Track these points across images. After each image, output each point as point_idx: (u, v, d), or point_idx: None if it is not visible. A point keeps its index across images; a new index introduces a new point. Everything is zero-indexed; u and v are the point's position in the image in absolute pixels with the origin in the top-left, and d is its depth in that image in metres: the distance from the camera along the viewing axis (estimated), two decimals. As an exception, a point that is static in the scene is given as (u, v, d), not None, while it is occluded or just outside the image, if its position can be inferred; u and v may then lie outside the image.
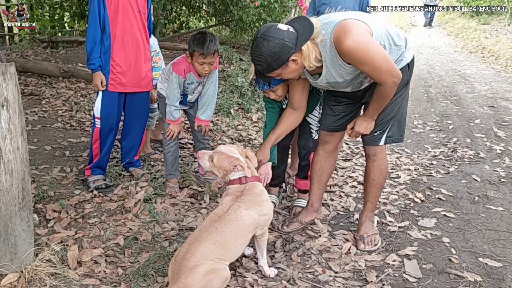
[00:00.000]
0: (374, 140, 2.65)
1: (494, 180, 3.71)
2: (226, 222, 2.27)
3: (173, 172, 3.43)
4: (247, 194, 2.38)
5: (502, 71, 8.56)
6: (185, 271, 2.12)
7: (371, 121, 2.55)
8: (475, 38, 12.97)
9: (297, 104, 2.75)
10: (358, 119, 2.60)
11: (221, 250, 2.22)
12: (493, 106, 6.07)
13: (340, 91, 2.58)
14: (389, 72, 2.24)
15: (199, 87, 3.32)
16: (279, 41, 2.19)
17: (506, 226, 2.98)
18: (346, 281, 2.44)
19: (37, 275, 2.31)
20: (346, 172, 3.97)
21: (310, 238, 2.87)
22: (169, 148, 3.38)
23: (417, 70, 9.03)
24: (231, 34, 10.84)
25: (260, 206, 2.37)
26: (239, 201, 2.34)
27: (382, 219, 3.11)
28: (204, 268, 2.13)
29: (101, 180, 3.38)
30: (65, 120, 4.87)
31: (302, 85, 2.68)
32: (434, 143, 4.73)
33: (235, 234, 2.27)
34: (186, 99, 3.36)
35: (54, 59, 7.39)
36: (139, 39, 3.27)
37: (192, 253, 2.16)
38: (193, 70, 3.16)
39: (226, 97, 5.76)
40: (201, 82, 3.28)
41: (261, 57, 2.24)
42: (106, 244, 2.71)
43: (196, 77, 3.21)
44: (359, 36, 2.18)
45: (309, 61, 2.29)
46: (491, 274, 2.47)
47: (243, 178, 2.42)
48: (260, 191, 2.44)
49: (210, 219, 2.33)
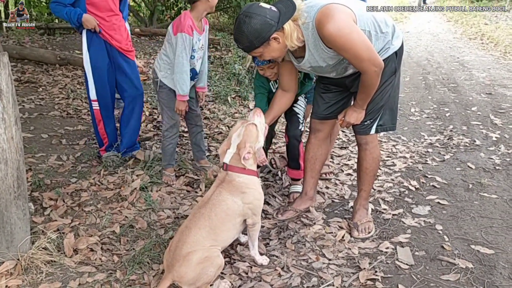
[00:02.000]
0: (365, 129, 2.65)
1: (489, 167, 3.73)
2: (211, 206, 2.29)
3: (171, 162, 3.45)
4: (227, 182, 2.36)
5: (500, 58, 8.53)
6: (178, 259, 2.15)
7: (361, 111, 2.56)
8: (475, 24, 12.89)
9: (287, 85, 2.74)
10: (348, 110, 2.61)
11: (212, 234, 2.25)
12: (491, 93, 6.07)
13: (329, 77, 2.58)
14: (370, 61, 2.24)
15: (200, 52, 3.23)
16: (261, 18, 2.19)
17: (499, 214, 3.00)
18: (339, 268, 2.47)
19: (33, 263, 2.35)
20: (342, 160, 3.98)
21: (304, 225, 2.90)
22: (171, 140, 3.38)
23: (416, 57, 9.01)
24: (229, 20, 10.77)
25: (244, 193, 2.34)
26: (221, 187, 2.35)
27: (377, 206, 3.13)
28: (197, 256, 2.15)
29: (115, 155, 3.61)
30: (62, 108, 4.87)
31: (290, 66, 2.66)
32: (430, 131, 4.74)
33: (221, 218, 2.29)
34: (195, 72, 3.27)
35: (51, 46, 7.36)
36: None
37: (184, 241, 2.19)
38: (195, 26, 3.08)
39: (223, 85, 5.75)
40: (201, 38, 3.17)
41: (243, 34, 2.24)
42: (102, 232, 2.74)
43: (198, 33, 3.12)
44: (341, 22, 2.18)
45: (291, 40, 2.28)
46: (482, 261, 2.50)
47: (224, 165, 2.41)
48: (238, 180, 2.37)
49: (197, 206, 2.36)
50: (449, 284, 2.31)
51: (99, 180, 3.33)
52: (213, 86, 5.77)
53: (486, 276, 2.38)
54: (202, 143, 3.61)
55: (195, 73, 3.25)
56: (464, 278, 2.36)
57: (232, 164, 2.37)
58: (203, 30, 3.20)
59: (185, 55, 3.06)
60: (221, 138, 4.38)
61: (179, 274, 2.13)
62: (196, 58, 3.19)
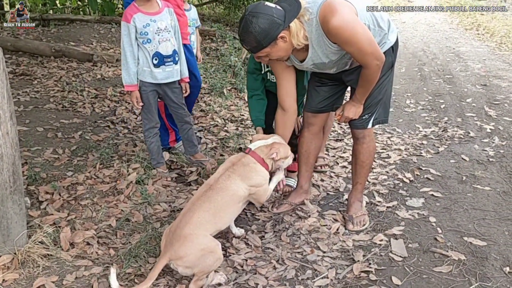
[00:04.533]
0: (363, 124, 2.67)
1: (482, 159, 3.76)
2: (217, 190, 2.36)
3: (160, 160, 3.45)
4: (241, 164, 2.49)
5: (496, 49, 8.54)
6: (178, 239, 2.16)
7: (360, 105, 2.57)
8: (471, 14, 12.88)
9: (286, 101, 2.70)
10: (346, 104, 2.62)
11: (215, 218, 2.30)
12: (486, 84, 6.09)
13: (325, 72, 2.59)
14: (373, 55, 2.25)
15: (165, 33, 3.10)
16: (268, 17, 2.19)
17: (492, 206, 3.04)
18: (334, 261, 2.50)
19: (30, 257, 2.36)
20: (337, 153, 4.00)
21: (299, 218, 2.92)
22: (151, 139, 3.36)
23: (412, 47, 9.01)
24: (225, 11, 10.74)
25: (251, 179, 2.47)
26: (231, 170, 2.45)
27: (371, 199, 3.16)
28: (200, 241, 2.18)
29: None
30: (57, 100, 4.86)
31: (288, 74, 2.65)
32: (425, 123, 4.76)
33: (226, 201, 2.37)
34: (160, 55, 3.12)
35: (46, 37, 7.32)
36: None
37: (186, 221, 2.21)
38: (141, 10, 3.03)
39: (219, 77, 5.75)
40: (156, 20, 3.07)
41: (250, 35, 2.23)
42: (98, 225, 2.76)
43: (145, 15, 3.04)
44: (345, 16, 2.18)
45: (298, 39, 2.29)
46: (475, 253, 2.53)
47: (248, 149, 2.57)
48: (253, 165, 2.52)
49: (202, 189, 2.40)
50: (442, 276, 2.35)
51: (95, 174, 3.34)
52: (209, 78, 5.77)
53: (478, 267, 2.41)
54: (194, 138, 3.57)
55: (161, 56, 3.12)
56: (456, 270, 2.39)
57: (256, 151, 2.53)
58: (160, 11, 3.11)
59: (126, 43, 3.04)
60: (216, 131, 4.39)
61: (178, 254, 2.13)
62: (154, 41, 3.08)
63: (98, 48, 7.25)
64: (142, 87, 3.17)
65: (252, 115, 3.08)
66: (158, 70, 3.13)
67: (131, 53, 3.06)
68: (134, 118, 4.54)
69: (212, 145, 4.07)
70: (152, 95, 3.22)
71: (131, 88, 3.14)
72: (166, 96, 3.29)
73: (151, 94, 3.21)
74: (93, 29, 8.27)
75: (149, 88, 3.18)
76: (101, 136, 4.07)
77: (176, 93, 3.32)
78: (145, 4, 3.04)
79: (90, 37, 7.74)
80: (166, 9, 3.14)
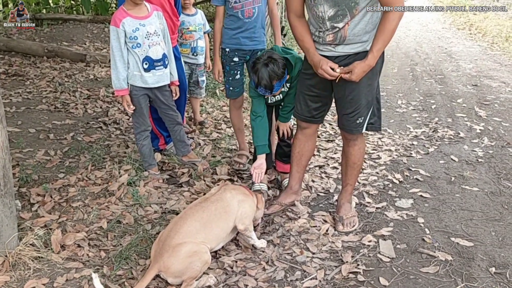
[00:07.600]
0: (358, 128, 2.66)
1: (471, 160, 3.80)
2: (212, 201, 2.44)
3: (152, 162, 3.46)
4: (235, 187, 2.62)
5: (488, 49, 8.60)
6: (167, 250, 2.19)
7: (369, 66, 2.41)
8: (464, 14, 12.95)
9: (299, 10, 2.57)
10: (357, 66, 2.40)
11: (205, 229, 2.33)
12: (477, 85, 6.14)
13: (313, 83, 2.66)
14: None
15: (154, 37, 3.09)
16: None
17: (479, 206, 3.08)
18: (323, 262, 2.53)
19: (21, 259, 2.38)
20: (328, 154, 4.03)
21: (289, 219, 2.95)
22: (143, 142, 3.37)
23: (404, 47, 9.06)
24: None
25: (242, 201, 2.53)
26: (226, 186, 2.58)
27: (361, 200, 3.19)
28: (187, 248, 2.20)
29: None
30: (50, 101, 4.86)
31: None
32: (416, 123, 4.80)
33: (219, 213, 2.40)
34: (151, 59, 3.11)
35: (39, 37, 7.31)
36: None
37: (176, 230, 2.25)
38: (130, 14, 3.01)
39: (212, 77, 5.74)
40: (145, 24, 3.05)
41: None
42: (90, 227, 2.77)
43: (134, 19, 3.02)
44: None
45: None
46: (461, 254, 2.57)
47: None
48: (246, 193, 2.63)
49: (197, 201, 2.47)
50: (428, 277, 2.38)
51: (86, 175, 3.35)
52: (202, 78, 5.76)
53: (465, 268, 2.45)
54: (186, 138, 3.59)
55: (151, 61, 3.12)
56: (443, 270, 2.43)
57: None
58: (149, 15, 3.09)
59: (115, 48, 3.04)
60: (208, 132, 4.41)
61: (166, 265, 2.16)
62: (144, 45, 3.07)
63: (91, 48, 7.24)
64: (133, 91, 3.18)
65: (257, 141, 3.07)
66: (149, 74, 3.14)
67: (121, 57, 3.07)
68: (127, 119, 4.55)
69: (205, 145, 4.08)
70: (143, 99, 3.23)
71: (122, 93, 3.14)
72: (156, 99, 3.30)
73: (142, 98, 3.22)
74: (86, 28, 8.27)
75: (140, 93, 3.19)
76: (93, 137, 4.09)
77: (166, 95, 3.32)
78: (134, 8, 3.04)
79: (83, 37, 7.73)
80: (155, 13, 3.14)
